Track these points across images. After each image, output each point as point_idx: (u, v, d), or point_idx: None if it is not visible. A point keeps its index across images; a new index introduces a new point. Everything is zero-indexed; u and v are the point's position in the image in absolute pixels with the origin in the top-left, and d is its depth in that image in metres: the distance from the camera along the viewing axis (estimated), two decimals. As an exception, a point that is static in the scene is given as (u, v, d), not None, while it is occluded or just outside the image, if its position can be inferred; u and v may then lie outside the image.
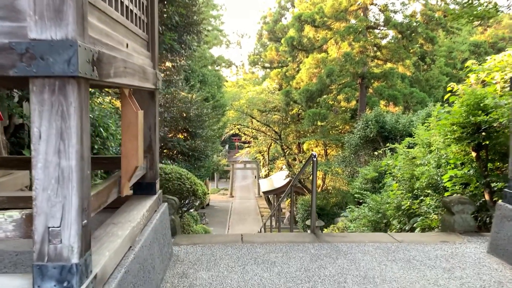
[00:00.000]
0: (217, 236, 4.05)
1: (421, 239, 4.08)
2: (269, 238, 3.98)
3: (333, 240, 3.93)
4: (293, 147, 30.46)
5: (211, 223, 29.39)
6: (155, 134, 3.24)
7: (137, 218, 2.62)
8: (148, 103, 3.21)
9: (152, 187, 3.25)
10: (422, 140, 11.61)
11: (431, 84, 29.15)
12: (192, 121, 11.88)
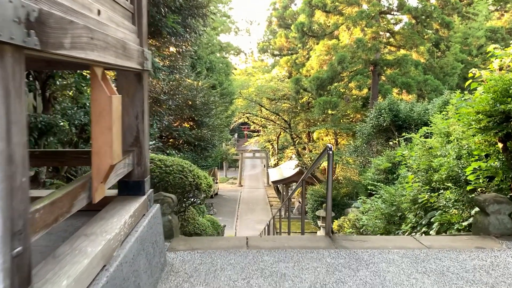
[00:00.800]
0: (219, 240, 3.56)
1: (453, 245, 3.55)
2: (278, 243, 3.48)
3: (352, 245, 3.42)
4: (303, 136, 29.86)
5: (220, 212, 29.08)
6: (143, 123, 2.73)
7: (116, 227, 2.13)
8: (134, 87, 2.70)
9: (140, 187, 2.75)
10: (439, 129, 10.98)
11: (446, 72, 28.24)
12: (198, 109, 11.36)
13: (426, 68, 25.94)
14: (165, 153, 10.46)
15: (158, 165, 5.55)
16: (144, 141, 2.77)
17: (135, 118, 2.71)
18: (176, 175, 5.54)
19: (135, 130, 2.72)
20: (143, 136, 2.76)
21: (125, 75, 2.68)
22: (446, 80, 27.31)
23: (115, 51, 2.06)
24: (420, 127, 15.46)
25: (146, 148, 2.81)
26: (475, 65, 31.89)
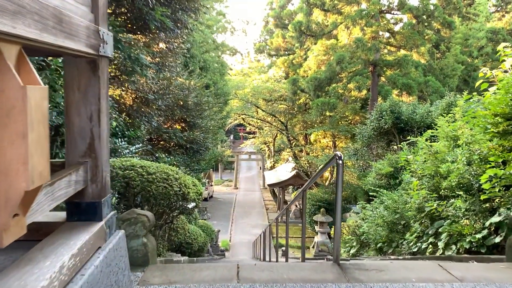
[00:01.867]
0: (204, 269, 2.90)
1: (489, 276, 2.91)
2: (276, 274, 2.82)
3: (367, 277, 2.77)
4: (299, 138, 29.25)
5: (214, 216, 28.37)
6: (99, 127, 2.06)
7: (45, 277, 1.47)
8: (87, 79, 2.03)
9: (95, 210, 2.08)
10: (446, 133, 10.37)
11: (446, 73, 27.73)
12: (190, 110, 10.71)
13: (426, 70, 25.40)
14: (154, 157, 9.79)
15: (140, 172, 4.88)
16: (101, 150, 2.10)
17: (89, 120, 2.04)
18: (159, 184, 4.87)
19: (89, 136, 2.05)
20: (100, 143, 2.09)
21: (76, 63, 2.01)
22: (446, 82, 26.77)
23: (40, 21, 1.40)
24: (423, 130, 14.89)
25: (104, 159, 2.14)
26: (476, 66, 31.40)
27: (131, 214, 3.01)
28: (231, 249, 23.28)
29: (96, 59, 2.03)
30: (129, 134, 8.41)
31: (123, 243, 2.32)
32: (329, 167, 3.28)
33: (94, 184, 2.10)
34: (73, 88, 2.01)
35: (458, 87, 28.37)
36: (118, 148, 7.63)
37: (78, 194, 2.02)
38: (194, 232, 9.90)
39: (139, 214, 3.02)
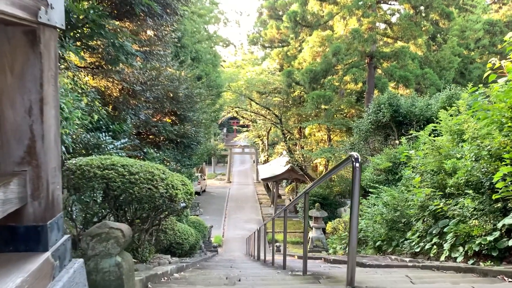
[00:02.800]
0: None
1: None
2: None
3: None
4: (294, 132, 28.71)
5: (207, 211, 27.84)
6: (42, 123, 1.50)
7: None
8: (23, 57, 1.47)
9: (38, 236, 1.53)
10: (449, 127, 9.90)
11: (442, 66, 27.32)
12: (180, 102, 10.10)
13: (422, 62, 24.92)
14: (142, 152, 9.20)
15: (121, 172, 4.31)
16: (47, 155, 1.54)
17: (27, 114, 1.48)
18: (143, 185, 4.30)
19: (27, 136, 1.49)
20: (45, 145, 1.53)
21: (6, 33, 1.44)
22: (443, 74, 26.36)
23: None
24: (422, 124, 14.41)
25: (51, 167, 1.58)
26: (472, 59, 31.01)
27: (102, 228, 2.46)
28: (224, 245, 22.80)
29: (35, 28, 1.46)
30: (114, 128, 7.81)
31: (80, 277, 1.76)
32: (341, 169, 2.76)
33: (37, 202, 1.53)
34: (4, 69, 1.44)
35: (454, 79, 27.99)
36: (102, 144, 7.04)
37: (13, 216, 1.46)
38: (185, 232, 9.35)
39: (111, 228, 2.47)
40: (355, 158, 2.42)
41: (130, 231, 2.59)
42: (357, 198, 2.36)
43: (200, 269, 6.10)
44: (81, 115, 5.87)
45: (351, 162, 2.44)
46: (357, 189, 2.38)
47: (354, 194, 2.38)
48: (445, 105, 13.91)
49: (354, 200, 2.37)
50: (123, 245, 2.49)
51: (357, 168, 2.38)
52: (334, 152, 20.78)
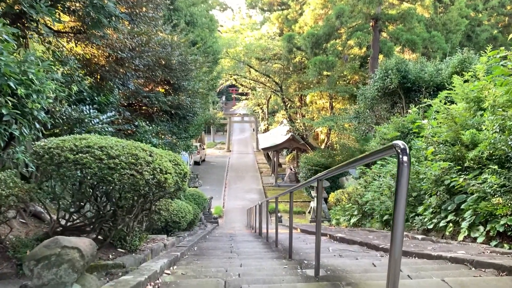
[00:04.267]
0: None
1: None
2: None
3: None
4: (295, 100, 27.82)
5: (207, 181, 27.38)
6: None
7: None
8: None
9: None
10: (465, 94, 9.15)
11: (449, 28, 26.13)
12: (174, 70, 9.27)
13: (428, 25, 23.76)
14: (133, 125, 8.48)
15: (98, 156, 3.61)
16: None
17: None
18: (125, 171, 3.62)
19: None
20: None
21: None
22: (449, 37, 25.24)
23: None
24: (432, 90, 13.59)
25: None
26: (480, 21, 29.75)
27: (52, 248, 1.80)
28: (225, 216, 22.46)
29: None
30: (100, 100, 7.06)
31: None
32: (378, 158, 2.09)
33: None
34: None
35: (461, 43, 26.87)
36: (85, 118, 6.32)
37: None
38: (181, 210, 8.77)
39: (64, 247, 1.80)
40: (402, 149, 1.71)
41: (93, 247, 1.94)
42: (402, 208, 1.69)
43: (197, 257, 5.51)
44: (56, 86, 5.12)
45: (395, 154, 1.74)
46: (403, 196, 1.69)
47: (399, 202, 1.70)
48: (457, 70, 13.07)
49: (398, 209, 1.70)
50: (82, 269, 1.83)
51: (405, 163, 1.68)
52: (336, 121, 20.03)
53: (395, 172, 8.44)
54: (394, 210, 1.70)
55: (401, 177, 1.70)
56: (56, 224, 3.84)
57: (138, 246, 4.99)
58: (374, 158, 2.16)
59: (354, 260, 4.48)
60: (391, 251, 1.77)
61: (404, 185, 1.69)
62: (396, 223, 1.70)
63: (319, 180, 3.33)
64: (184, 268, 4.14)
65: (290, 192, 4.89)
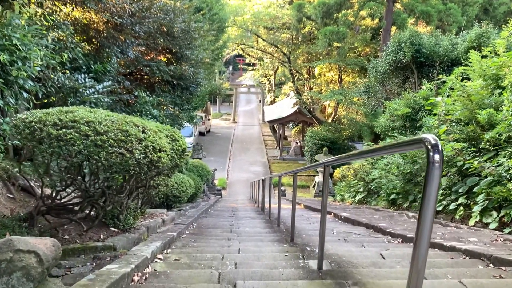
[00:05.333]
0: None
1: None
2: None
3: None
4: (303, 72, 27.14)
5: (211, 152, 27.17)
6: None
7: None
8: None
9: None
10: (483, 71, 8.64)
11: (465, 1, 25.06)
12: (176, 38, 8.81)
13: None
14: (132, 96, 8.12)
15: (83, 132, 3.28)
16: None
17: None
18: (113, 149, 3.29)
19: None
20: None
21: None
22: (465, 10, 24.24)
23: None
24: (446, 66, 13.00)
25: None
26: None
27: (3, 253, 1.49)
28: (228, 188, 22.34)
29: None
30: (96, 68, 6.68)
31: None
32: (400, 151, 1.75)
33: None
34: None
35: (477, 16, 25.83)
36: (80, 87, 5.96)
37: None
38: (182, 184, 8.52)
39: (18, 251, 1.49)
40: (433, 145, 1.36)
41: (57, 248, 1.63)
42: (429, 221, 1.36)
43: (195, 237, 5.26)
44: (45, 53, 4.75)
45: (423, 149, 1.39)
46: (431, 206, 1.36)
47: (425, 213, 1.36)
48: (473, 45, 12.44)
49: (424, 222, 1.36)
50: (40, 277, 1.53)
51: (437, 163, 1.33)
52: (345, 95, 19.49)
53: (405, 152, 8.03)
54: (419, 222, 1.37)
55: (430, 181, 1.35)
56: (41, 203, 3.56)
57: (133, 225, 4.73)
58: (395, 150, 1.82)
59: (360, 248, 4.20)
60: (413, 269, 1.44)
61: (434, 192, 1.35)
62: (420, 239, 1.37)
63: (326, 166, 2.99)
64: (178, 253, 3.89)
65: (294, 173, 4.57)
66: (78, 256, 3.59)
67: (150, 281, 2.75)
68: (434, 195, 1.35)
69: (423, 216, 1.36)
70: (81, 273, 3.12)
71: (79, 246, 3.66)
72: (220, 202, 15.37)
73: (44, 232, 3.48)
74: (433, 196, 1.35)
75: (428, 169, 1.35)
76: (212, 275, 2.86)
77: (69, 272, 3.13)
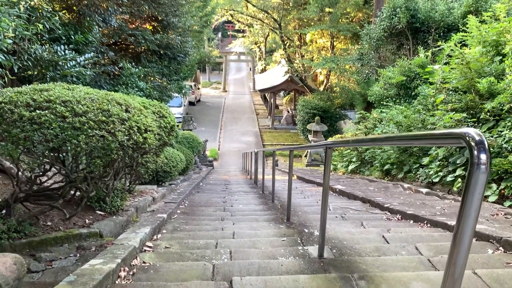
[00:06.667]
0: None
1: None
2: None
3: None
4: (294, 38, 26.46)
5: (202, 122, 26.80)
6: None
7: None
8: None
9: None
10: (482, 37, 8.32)
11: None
12: (162, 5, 8.30)
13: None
14: (117, 67, 7.70)
15: (60, 113, 2.96)
16: None
17: None
18: (93, 131, 2.99)
19: None
20: None
21: None
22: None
23: None
24: (442, 31, 12.62)
25: None
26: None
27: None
28: (220, 158, 22.14)
29: None
30: (77, 39, 6.24)
31: None
32: (430, 144, 1.46)
33: None
34: None
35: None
36: (59, 60, 5.55)
37: None
38: (172, 159, 8.26)
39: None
40: (478, 142, 1.09)
41: (20, 267, 1.37)
42: (469, 234, 1.11)
43: (186, 217, 5.04)
44: (17, 23, 4.34)
45: (466, 147, 1.13)
46: (473, 214, 1.11)
47: (465, 224, 1.12)
48: (470, 9, 12.03)
49: (462, 240, 1.12)
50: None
51: (482, 165, 1.07)
52: (337, 62, 19.06)
53: (399, 120, 7.85)
54: (454, 241, 1.12)
55: (473, 188, 1.10)
56: (17, 190, 3.28)
57: (121, 206, 4.49)
58: (425, 143, 1.55)
59: (360, 229, 4.02)
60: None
61: (477, 202, 1.09)
62: (455, 265, 1.13)
63: (328, 147, 2.73)
64: (169, 238, 3.66)
65: (290, 150, 4.32)
66: (61, 245, 3.35)
67: (138, 278, 2.52)
68: (476, 207, 1.09)
69: (461, 234, 1.11)
70: (63, 267, 2.89)
71: (62, 234, 3.41)
72: (212, 174, 15.18)
73: (23, 221, 3.22)
74: (475, 208, 1.10)
75: (471, 173, 1.09)
76: (206, 268, 2.65)
77: (50, 266, 2.90)
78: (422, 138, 1.43)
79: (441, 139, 1.29)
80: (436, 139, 1.31)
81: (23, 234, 3.13)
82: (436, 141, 1.35)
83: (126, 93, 6.91)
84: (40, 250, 3.16)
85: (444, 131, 1.24)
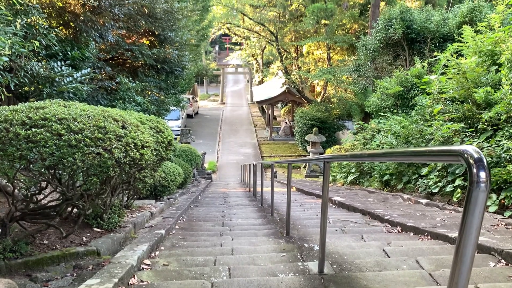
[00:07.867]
0: None
1: None
2: None
3: None
4: (291, 50, 26.62)
5: (200, 135, 26.80)
6: None
7: None
8: None
9: None
10: (477, 47, 8.36)
11: (454, -27, 24.63)
12: (159, 19, 8.35)
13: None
14: (114, 82, 7.71)
15: (56, 131, 2.94)
16: None
17: None
18: (89, 149, 2.97)
19: None
20: None
21: None
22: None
23: None
24: (438, 42, 12.71)
25: None
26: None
27: None
28: (219, 171, 22.09)
29: None
30: (74, 55, 6.25)
31: None
32: (427, 161, 1.44)
33: None
34: None
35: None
36: (56, 76, 5.55)
37: None
38: (171, 173, 8.21)
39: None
40: (476, 159, 1.07)
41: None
42: (470, 255, 1.09)
43: (185, 233, 4.99)
44: (13, 41, 4.34)
45: (464, 165, 1.11)
46: (474, 234, 1.08)
47: (465, 245, 1.10)
48: (465, 19, 12.16)
49: (463, 256, 1.10)
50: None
51: (482, 184, 1.05)
52: (334, 73, 19.15)
53: (397, 130, 7.85)
54: (455, 261, 1.10)
55: (473, 207, 1.08)
56: (13, 209, 3.24)
57: (118, 223, 4.44)
58: (423, 159, 1.54)
59: (360, 242, 3.97)
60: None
61: (477, 222, 1.07)
62: (457, 281, 1.10)
63: (326, 162, 2.72)
64: (167, 255, 3.62)
65: (288, 163, 4.31)
66: (58, 265, 3.31)
67: (135, 299, 2.47)
68: (477, 226, 1.07)
69: (461, 254, 1.09)
70: (59, 287, 2.85)
71: (58, 253, 3.36)
72: (211, 187, 15.11)
73: (19, 241, 3.17)
74: (475, 228, 1.07)
75: (470, 192, 1.07)
76: (204, 287, 2.60)
77: (46, 286, 2.85)
78: (420, 154, 1.42)
79: (439, 156, 1.27)
80: (435, 155, 1.29)
81: (19, 253, 3.09)
82: (434, 157, 1.34)
83: (124, 108, 6.91)
84: (36, 270, 3.11)
85: (443, 148, 1.22)
